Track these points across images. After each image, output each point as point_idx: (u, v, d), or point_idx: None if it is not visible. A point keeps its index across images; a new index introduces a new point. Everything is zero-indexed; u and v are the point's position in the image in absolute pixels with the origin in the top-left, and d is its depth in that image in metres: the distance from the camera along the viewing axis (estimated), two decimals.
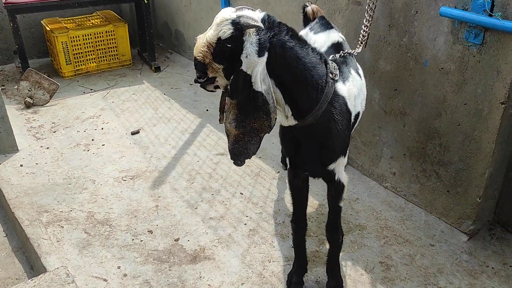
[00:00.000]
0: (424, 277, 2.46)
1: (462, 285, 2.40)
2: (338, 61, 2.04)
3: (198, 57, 1.73)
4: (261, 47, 1.67)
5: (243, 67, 1.68)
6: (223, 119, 1.95)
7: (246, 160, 1.86)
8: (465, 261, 2.55)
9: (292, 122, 1.88)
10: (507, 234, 2.68)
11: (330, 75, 1.88)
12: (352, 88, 2.02)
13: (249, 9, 1.75)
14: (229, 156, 1.89)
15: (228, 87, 1.76)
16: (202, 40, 1.72)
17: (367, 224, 2.85)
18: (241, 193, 3.13)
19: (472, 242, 2.65)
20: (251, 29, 1.66)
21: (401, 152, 2.90)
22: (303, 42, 1.81)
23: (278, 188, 3.18)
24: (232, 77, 1.73)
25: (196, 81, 1.82)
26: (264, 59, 1.69)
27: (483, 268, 2.51)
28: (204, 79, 1.78)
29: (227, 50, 1.68)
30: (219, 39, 1.67)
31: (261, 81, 1.70)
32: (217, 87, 1.83)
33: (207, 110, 4.29)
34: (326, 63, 1.89)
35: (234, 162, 1.86)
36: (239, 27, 1.65)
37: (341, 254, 2.57)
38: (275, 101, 1.77)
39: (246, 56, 1.67)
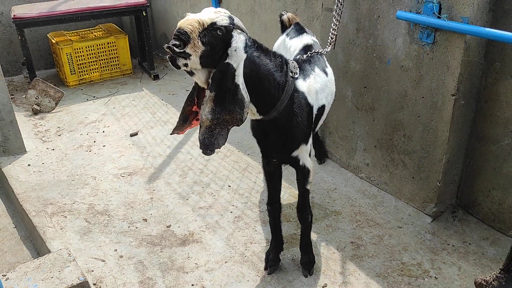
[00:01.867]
0: (390, 254, 2.72)
1: (424, 260, 2.66)
2: (299, 61, 2.33)
3: (186, 28, 1.77)
4: (245, 47, 1.91)
5: (230, 61, 1.87)
6: (178, 128, 2.14)
7: (234, 157, 2.01)
8: (428, 240, 2.81)
9: (258, 116, 2.15)
10: (468, 216, 2.94)
11: (290, 73, 2.16)
12: (313, 84, 2.30)
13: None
14: (219, 154, 2.09)
15: (209, 80, 1.91)
16: (196, 17, 1.81)
17: (342, 210, 3.11)
18: (229, 186, 3.42)
19: (436, 223, 2.91)
20: (238, 30, 1.91)
21: (372, 144, 3.17)
22: (265, 50, 2.08)
23: (263, 181, 3.46)
24: (215, 71, 1.89)
25: (169, 48, 1.77)
26: (245, 57, 1.92)
27: (444, 246, 2.76)
28: (181, 50, 1.78)
29: (216, 36, 1.82)
30: (214, 23, 1.82)
31: (241, 76, 1.93)
32: (185, 65, 1.84)
33: None
34: (286, 63, 2.18)
35: (203, 152, 1.97)
36: (232, 23, 1.88)
37: (316, 236, 2.86)
38: (248, 96, 1.99)
39: (235, 50, 1.87)
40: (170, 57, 1.81)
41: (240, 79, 1.92)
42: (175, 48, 1.76)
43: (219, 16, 1.84)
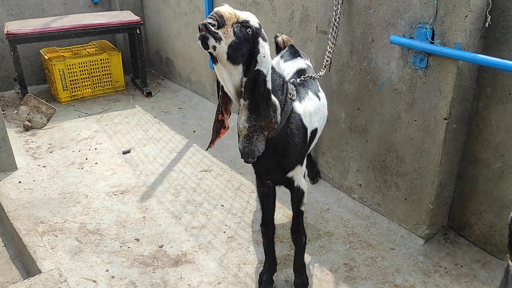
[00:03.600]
0: (383, 276, 2.72)
1: (417, 282, 2.67)
2: (295, 84, 2.36)
3: (226, 13, 1.83)
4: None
5: (260, 67, 1.92)
6: (212, 141, 2.18)
7: (228, 176, 2.05)
8: (421, 262, 2.82)
9: None
10: (459, 238, 2.96)
11: (289, 95, 2.20)
12: (308, 107, 2.33)
13: None
14: (212, 173, 2.12)
15: (242, 89, 1.95)
16: (234, 10, 1.88)
17: (335, 231, 3.12)
18: (222, 205, 3.41)
19: (428, 245, 2.92)
20: (262, 38, 1.96)
21: (365, 165, 3.20)
22: (272, 68, 2.13)
23: (256, 201, 3.46)
24: (245, 79, 1.94)
25: (204, 26, 1.77)
26: (272, 63, 1.99)
27: (437, 268, 2.78)
28: (214, 28, 1.79)
29: (245, 34, 1.88)
30: (247, 21, 1.89)
31: (270, 81, 1.99)
32: (214, 48, 1.82)
33: (194, 131, 4.60)
34: (286, 84, 2.21)
35: (245, 161, 2.04)
36: (261, 29, 1.96)
37: (309, 257, 2.86)
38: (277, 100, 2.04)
39: (264, 56, 1.93)
40: (202, 35, 1.79)
41: (269, 84, 1.97)
42: (210, 27, 1.78)
43: (252, 17, 1.92)
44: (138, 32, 5.41)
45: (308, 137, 2.35)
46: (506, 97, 2.52)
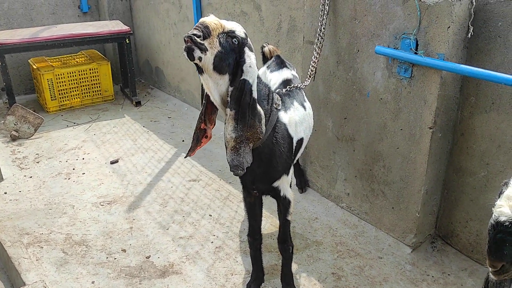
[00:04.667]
0: (371, 285, 2.72)
1: None
2: (281, 94, 2.37)
3: (211, 24, 1.84)
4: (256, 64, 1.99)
5: (246, 77, 1.93)
6: (192, 149, 2.18)
7: (216, 186, 2.04)
8: (408, 270, 2.82)
9: None
10: (446, 246, 2.97)
11: (274, 105, 2.20)
12: (294, 117, 2.34)
13: None
14: (200, 182, 2.11)
15: (228, 99, 1.95)
16: (219, 21, 1.89)
17: (324, 240, 3.12)
18: (210, 215, 3.40)
19: (416, 253, 2.93)
20: (248, 48, 1.97)
21: (353, 174, 3.21)
22: (258, 77, 2.13)
23: (245, 211, 3.44)
24: (231, 89, 1.94)
25: (189, 37, 1.78)
26: (257, 73, 2.00)
27: (424, 276, 2.78)
28: (199, 40, 1.80)
29: (231, 43, 1.89)
30: (233, 31, 1.90)
31: (256, 91, 2.00)
32: (200, 59, 1.83)
33: (183, 140, 4.59)
34: (272, 94, 2.22)
35: (234, 173, 2.03)
36: (247, 39, 1.97)
37: (297, 267, 2.85)
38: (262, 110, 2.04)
39: (250, 66, 1.95)
40: (187, 47, 1.79)
41: (255, 94, 1.98)
42: (196, 38, 1.78)
43: (238, 27, 1.93)
44: (128, 42, 5.41)
45: (294, 147, 2.36)
46: (489, 106, 2.55)
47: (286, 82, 2.71)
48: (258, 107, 2.03)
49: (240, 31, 1.95)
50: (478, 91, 2.58)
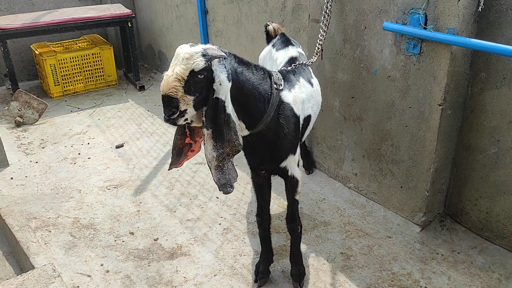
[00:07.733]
0: (380, 264, 2.71)
1: (414, 270, 2.66)
2: (284, 72, 2.33)
3: (170, 93, 1.78)
4: (228, 73, 1.90)
5: (218, 95, 1.87)
6: (174, 163, 2.13)
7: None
8: (418, 249, 2.81)
9: (246, 132, 2.12)
10: (456, 225, 2.95)
11: (275, 85, 2.15)
12: (299, 94, 2.30)
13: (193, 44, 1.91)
14: (206, 165, 2.06)
15: (203, 118, 1.90)
16: (172, 76, 1.79)
17: (332, 220, 3.10)
18: (217, 197, 3.38)
19: (425, 232, 2.91)
20: (216, 59, 1.87)
21: (361, 154, 3.18)
22: (247, 64, 2.06)
23: (252, 192, 3.43)
24: (205, 108, 1.89)
25: (167, 120, 1.84)
26: (230, 84, 1.91)
27: (434, 255, 2.76)
28: (177, 114, 1.82)
29: (199, 80, 1.84)
30: (192, 71, 1.79)
31: (230, 104, 1.93)
32: (186, 120, 1.88)
33: None
34: (270, 76, 2.17)
35: (224, 192, 1.96)
36: (208, 58, 1.84)
37: (306, 247, 2.84)
38: (236, 118, 1.98)
39: (220, 84, 1.86)
40: (172, 123, 1.85)
41: (229, 107, 1.92)
42: (173, 116, 1.82)
43: (194, 61, 1.79)
44: (130, 25, 5.35)
45: (301, 125, 2.32)
46: (500, 81, 2.49)
47: (292, 60, 2.66)
48: (233, 119, 1.94)
49: (197, 64, 1.79)
50: (489, 66, 2.52)
